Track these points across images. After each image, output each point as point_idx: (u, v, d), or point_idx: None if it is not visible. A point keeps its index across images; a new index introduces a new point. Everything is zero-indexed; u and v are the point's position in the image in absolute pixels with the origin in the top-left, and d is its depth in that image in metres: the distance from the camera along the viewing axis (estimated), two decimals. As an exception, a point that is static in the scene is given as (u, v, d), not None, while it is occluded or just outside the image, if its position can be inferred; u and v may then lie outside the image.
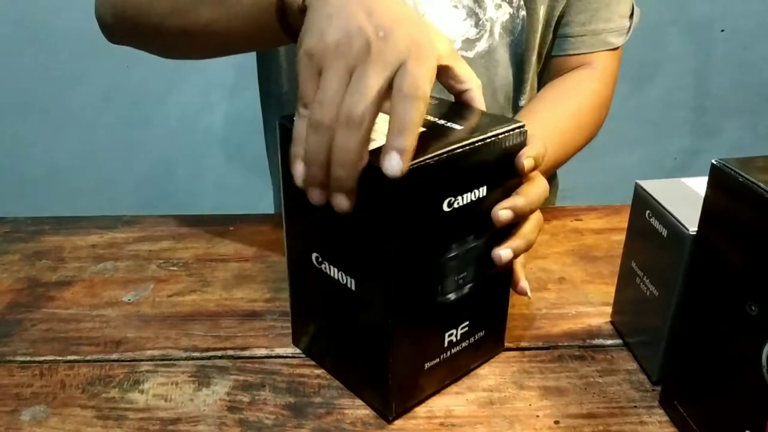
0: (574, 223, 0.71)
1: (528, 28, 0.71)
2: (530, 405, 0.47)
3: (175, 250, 0.66)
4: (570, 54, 0.75)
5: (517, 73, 0.74)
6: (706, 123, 1.80)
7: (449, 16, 0.70)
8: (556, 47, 0.76)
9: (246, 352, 0.52)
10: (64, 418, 0.46)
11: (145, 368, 0.50)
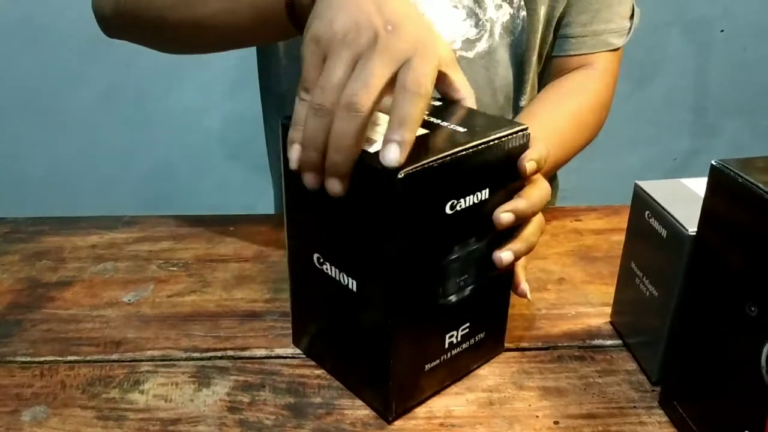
0: (574, 224, 0.71)
1: (528, 28, 0.71)
2: (530, 405, 0.47)
3: (175, 251, 0.66)
4: (571, 54, 0.75)
5: (518, 74, 0.74)
6: (706, 123, 1.80)
7: (449, 16, 0.70)
8: (557, 48, 0.76)
9: (246, 353, 0.52)
10: (65, 418, 0.46)
11: (145, 369, 0.51)
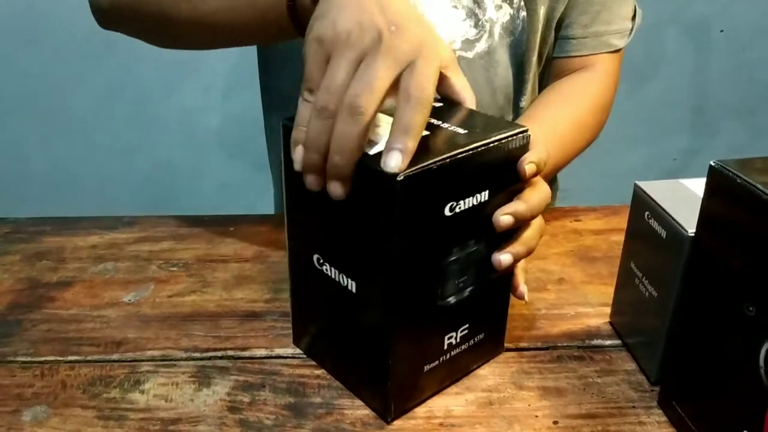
0: (574, 224, 0.71)
1: (528, 28, 0.71)
2: (529, 405, 0.47)
3: (176, 251, 0.67)
4: (572, 56, 0.75)
5: (518, 74, 0.74)
6: (705, 123, 1.80)
7: (449, 17, 0.70)
8: (558, 49, 0.76)
9: (246, 353, 0.52)
10: (65, 418, 0.46)
11: (145, 368, 0.51)
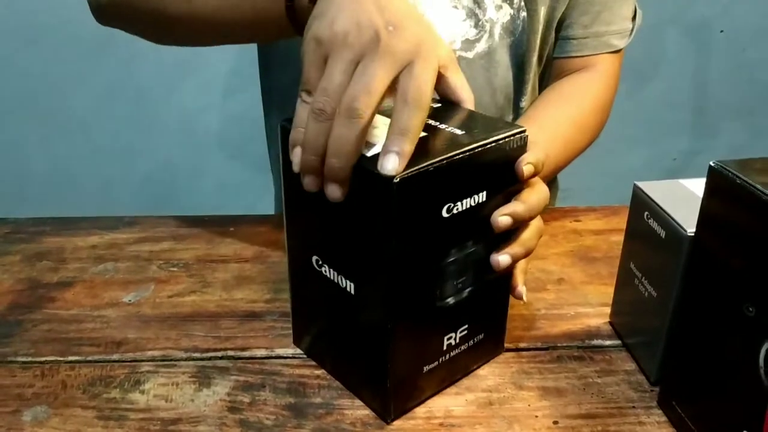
0: (573, 224, 0.71)
1: (528, 29, 0.71)
2: (529, 405, 0.47)
3: (176, 251, 0.67)
4: (572, 56, 0.75)
5: (518, 74, 0.74)
6: (705, 124, 1.80)
7: (449, 17, 0.70)
8: (558, 49, 0.76)
9: (246, 353, 0.52)
10: (66, 418, 0.46)
11: (145, 369, 0.51)
